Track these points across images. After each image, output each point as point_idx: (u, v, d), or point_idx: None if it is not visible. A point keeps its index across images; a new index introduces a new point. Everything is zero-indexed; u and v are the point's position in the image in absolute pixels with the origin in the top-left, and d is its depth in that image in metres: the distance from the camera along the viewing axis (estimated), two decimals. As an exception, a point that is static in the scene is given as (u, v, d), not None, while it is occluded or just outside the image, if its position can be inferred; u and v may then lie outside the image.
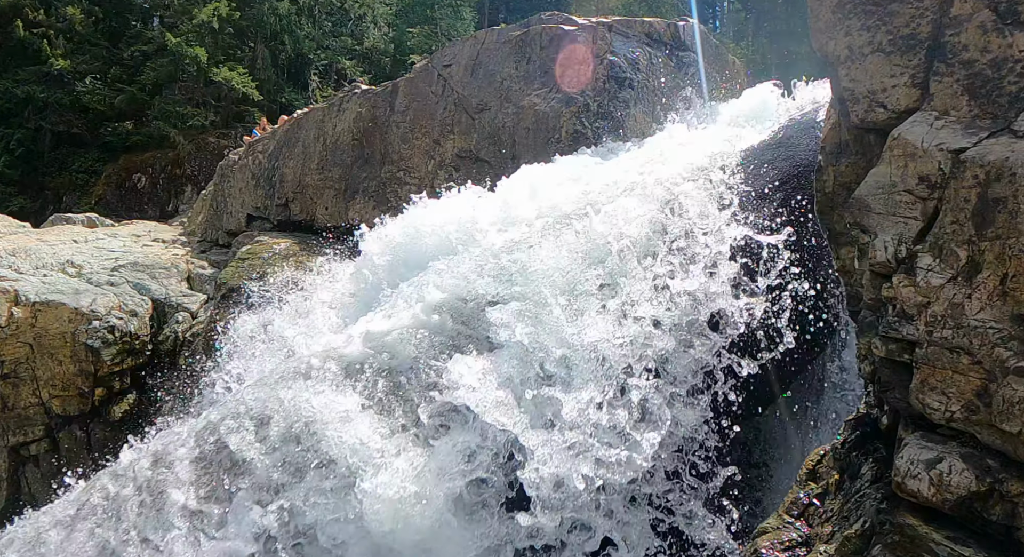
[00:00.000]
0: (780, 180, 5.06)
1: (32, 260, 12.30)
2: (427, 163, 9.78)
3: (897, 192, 3.00)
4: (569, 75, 8.21)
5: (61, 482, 9.14)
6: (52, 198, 26.06)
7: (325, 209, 11.62)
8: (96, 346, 10.62)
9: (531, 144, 8.06)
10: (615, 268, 4.76)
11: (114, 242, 14.10)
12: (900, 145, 3.04)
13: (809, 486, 3.70)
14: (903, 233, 2.97)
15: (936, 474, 2.74)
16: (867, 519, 2.97)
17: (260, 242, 11.43)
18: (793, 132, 5.56)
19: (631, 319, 4.46)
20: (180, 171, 25.06)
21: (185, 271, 12.66)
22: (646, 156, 6.52)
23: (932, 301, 2.80)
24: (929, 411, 2.81)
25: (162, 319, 11.49)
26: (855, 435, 3.64)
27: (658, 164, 5.98)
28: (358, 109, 11.19)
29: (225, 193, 14.47)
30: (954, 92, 3.02)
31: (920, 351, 2.83)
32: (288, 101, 26.31)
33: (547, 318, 4.55)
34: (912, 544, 2.74)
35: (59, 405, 10.65)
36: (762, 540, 3.45)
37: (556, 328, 4.49)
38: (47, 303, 10.74)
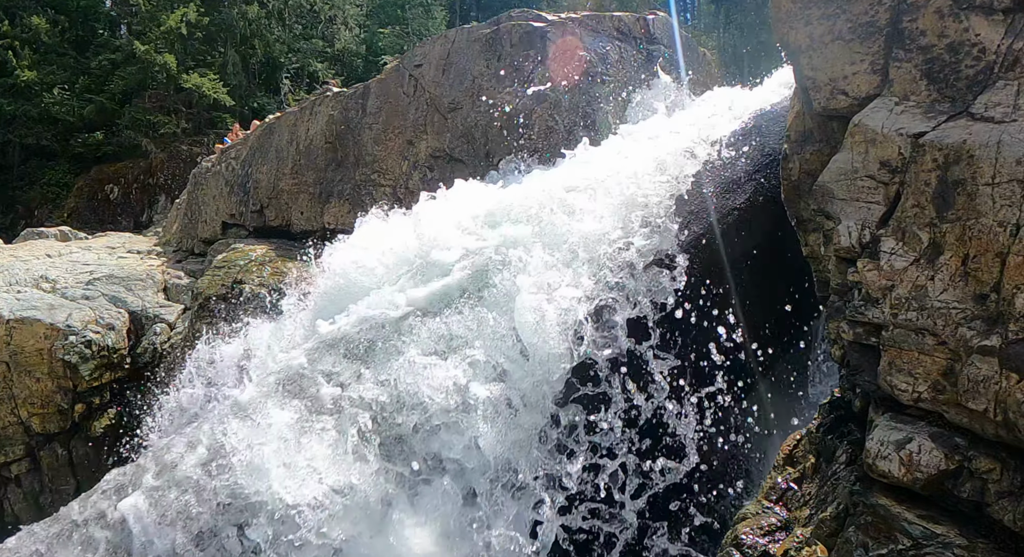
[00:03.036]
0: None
1: (5, 276, 12.10)
2: (401, 164, 9.74)
3: (859, 178, 3.04)
4: (540, 72, 8.22)
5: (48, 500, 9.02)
6: (23, 212, 25.64)
7: (300, 214, 11.54)
8: (74, 361, 10.48)
9: (504, 142, 8.05)
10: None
11: (88, 255, 13.91)
12: (861, 131, 3.08)
13: (787, 471, 3.74)
14: (866, 218, 3.01)
15: (906, 454, 2.78)
16: (841, 501, 3.01)
17: (236, 249, 11.32)
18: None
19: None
20: (153, 180, 24.76)
21: (161, 282, 12.52)
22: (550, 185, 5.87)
23: (896, 284, 2.84)
24: (897, 392, 2.86)
25: (140, 331, 11.36)
26: (830, 418, 3.69)
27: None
28: (330, 112, 11.12)
29: (199, 201, 14.32)
30: (913, 77, 3.07)
31: (886, 333, 2.87)
32: (260, 106, 26.09)
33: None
34: (885, 524, 2.78)
35: (39, 423, 10.49)
36: (742, 526, 3.49)
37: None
38: (22, 320, 10.57)
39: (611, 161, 5.75)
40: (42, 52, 26.21)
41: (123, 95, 25.40)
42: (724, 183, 4.79)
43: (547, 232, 5.07)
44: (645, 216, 4.73)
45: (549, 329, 4.32)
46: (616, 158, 5.79)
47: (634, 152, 5.76)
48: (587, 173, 5.63)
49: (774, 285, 4.69)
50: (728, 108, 6.07)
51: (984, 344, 2.59)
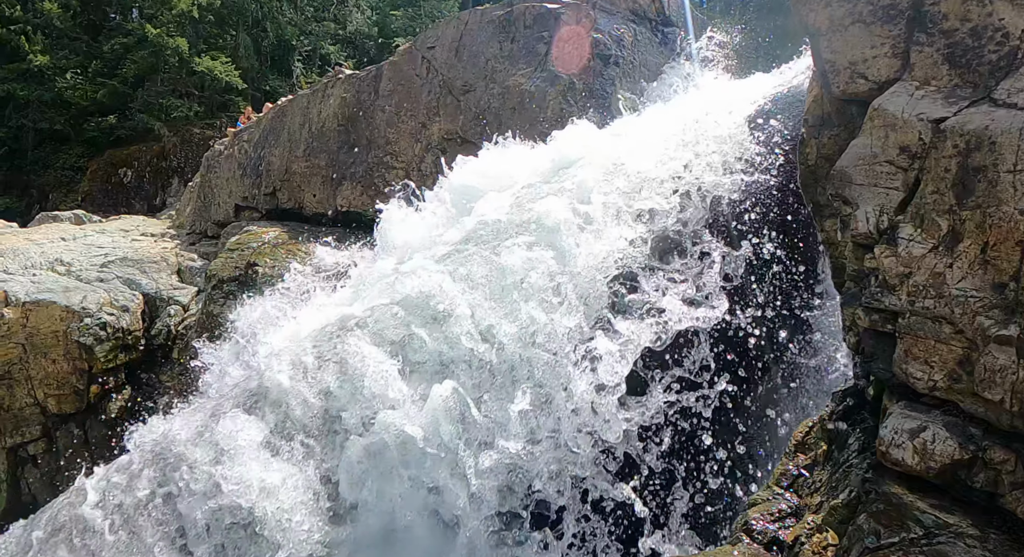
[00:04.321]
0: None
1: (21, 260, 12.22)
2: (414, 146, 9.72)
3: (878, 163, 3.00)
4: (554, 54, 8.15)
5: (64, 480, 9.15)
6: (38, 197, 25.83)
7: (313, 196, 11.56)
8: (89, 343, 10.59)
9: (518, 124, 8.01)
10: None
11: (102, 238, 14.01)
12: (881, 116, 3.03)
13: (798, 457, 3.73)
14: (884, 204, 2.97)
15: (920, 443, 2.77)
16: (853, 489, 3.00)
17: (249, 232, 11.37)
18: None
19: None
20: (166, 164, 24.85)
21: (175, 264, 12.60)
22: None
23: (914, 271, 2.81)
24: (912, 380, 2.83)
25: (154, 313, 11.46)
26: (843, 406, 3.67)
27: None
28: (343, 94, 11.09)
29: (212, 184, 14.37)
30: (934, 61, 3.01)
31: (903, 321, 2.84)
32: (272, 89, 26.07)
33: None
34: (897, 512, 2.77)
35: (55, 404, 10.64)
36: (753, 511, 3.49)
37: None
38: (38, 302, 10.69)
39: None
40: (54, 37, 26.27)
41: (135, 79, 25.45)
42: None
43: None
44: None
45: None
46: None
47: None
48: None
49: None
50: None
51: (1002, 333, 2.56)
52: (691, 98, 7.22)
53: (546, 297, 4.81)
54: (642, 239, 5.07)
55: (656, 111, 7.13)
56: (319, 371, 4.88)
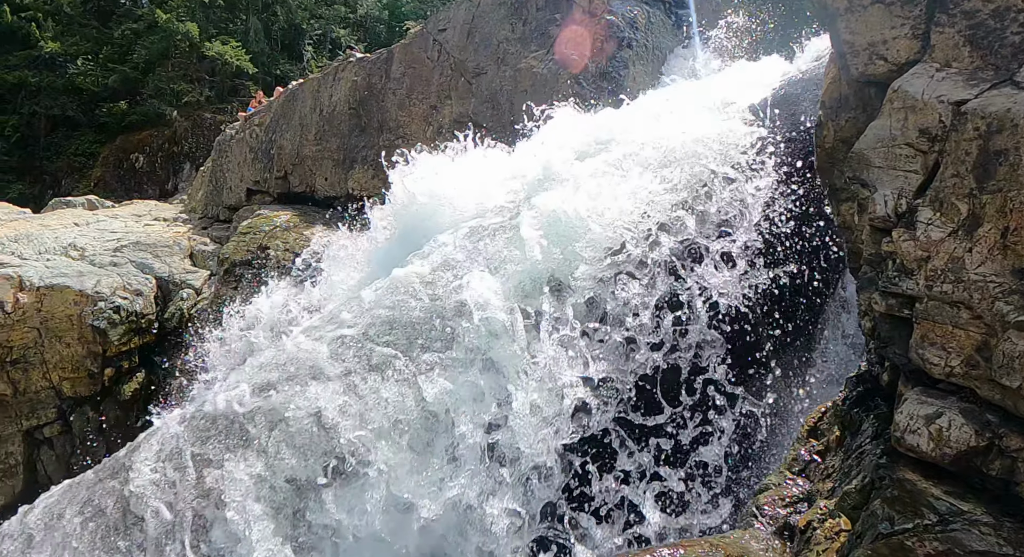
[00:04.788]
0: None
1: (34, 245, 12.32)
2: (425, 130, 9.71)
3: (897, 145, 2.96)
4: (566, 36, 8.08)
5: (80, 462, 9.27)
6: (51, 182, 26.01)
7: (324, 180, 11.58)
8: (103, 327, 10.69)
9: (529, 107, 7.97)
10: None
11: (115, 223, 14.10)
12: (900, 97, 2.98)
13: (810, 443, 3.72)
14: (903, 187, 2.93)
15: (935, 429, 2.74)
16: (867, 474, 2.99)
17: (261, 215, 11.43)
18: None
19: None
20: (178, 149, 24.94)
21: (187, 248, 12.68)
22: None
23: (932, 255, 2.77)
24: (929, 366, 2.80)
25: (167, 297, 11.55)
26: (856, 392, 3.65)
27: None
28: (353, 78, 11.07)
29: (224, 168, 14.42)
30: (955, 43, 2.96)
31: (920, 306, 2.81)
32: (283, 73, 26.05)
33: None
34: (911, 499, 2.75)
35: (70, 387, 10.76)
36: (763, 496, 3.48)
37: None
38: (52, 287, 10.79)
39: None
40: (65, 23, 26.35)
41: (146, 64, 25.50)
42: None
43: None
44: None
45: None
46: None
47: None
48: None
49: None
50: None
51: (1021, 320, 2.52)
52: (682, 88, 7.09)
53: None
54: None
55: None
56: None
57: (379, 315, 5.14)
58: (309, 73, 21.41)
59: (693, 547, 3.05)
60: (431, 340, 4.87)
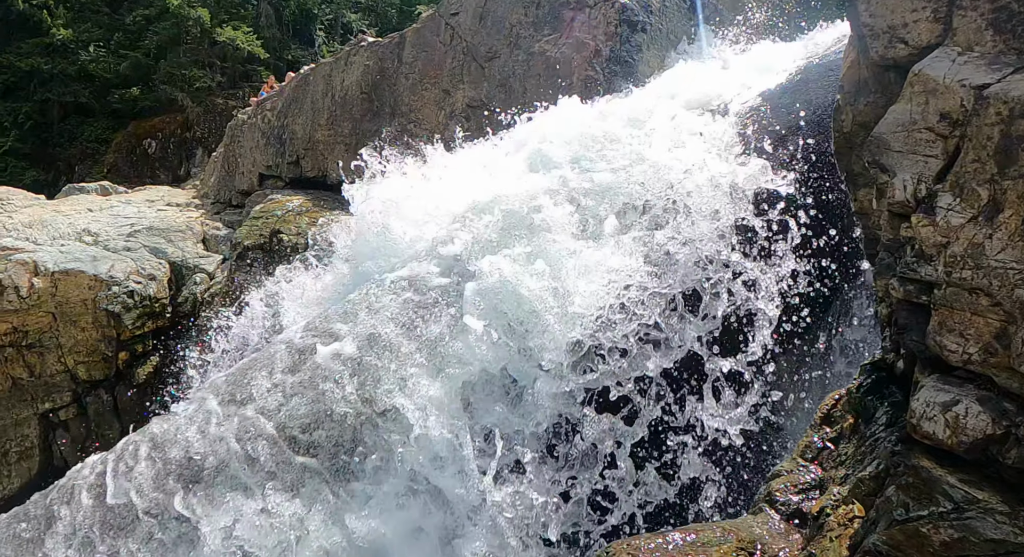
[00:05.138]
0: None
1: (49, 231, 12.42)
2: (437, 114, 9.69)
3: (917, 129, 2.92)
4: (580, 20, 8.01)
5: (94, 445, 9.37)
6: (64, 169, 26.16)
7: (337, 164, 11.59)
8: (117, 311, 10.78)
9: (543, 92, 7.91)
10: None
11: (128, 208, 14.18)
12: (921, 81, 2.94)
13: (823, 430, 3.71)
14: (923, 172, 2.89)
15: (952, 416, 2.72)
16: (881, 461, 2.98)
17: (273, 200, 11.47)
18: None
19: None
20: (190, 134, 25.01)
21: (200, 233, 12.75)
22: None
23: (952, 241, 2.74)
24: (946, 353, 2.78)
25: (180, 281, 11.63)
26: (871, 379, 3.62)
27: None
28: (366, 62, 11.05)
29: (236, 154, 14.46)
30: (978, 27, 2.91)
31: (938, 292, 2.79)
32: (294, 58, 26.01)
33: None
34: (926, 486, 2.74)
35: (84, 371, 10.87)
36: (776, 483, 3.48)
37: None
38: (66, 272, 10.88)
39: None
40: (76, 10, 26.40)
41: (158, 50, 25.54)
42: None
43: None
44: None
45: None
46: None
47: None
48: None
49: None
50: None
51: (1042, 306, 2.49)
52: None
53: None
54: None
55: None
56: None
57: (298, 408, 4.61)
58: (321, 58, 21.38)
59: (705, 531, 3.06)
60: (360, 457, 4.34)
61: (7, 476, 10.54)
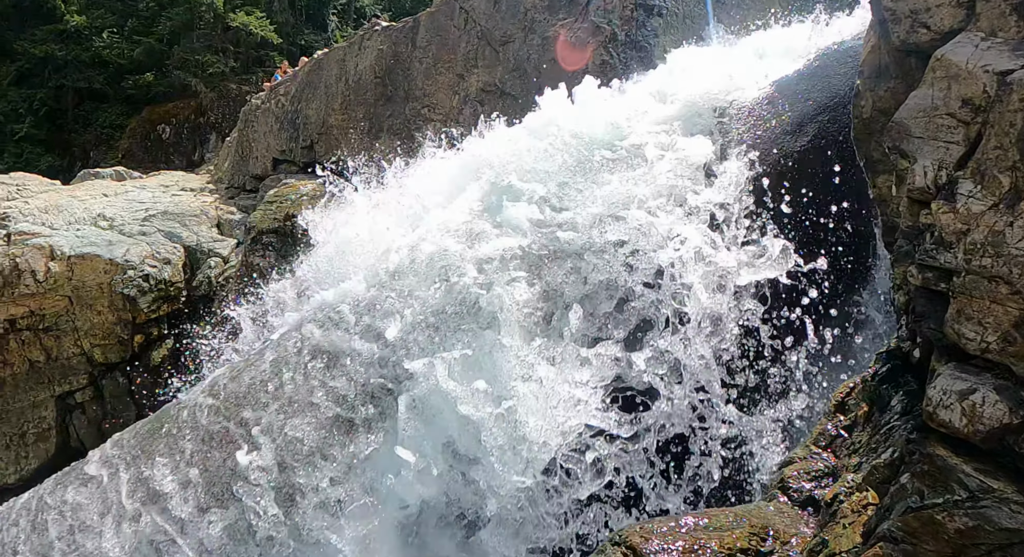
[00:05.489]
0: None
1: (64, 216, 12.54)
2: (451, 98, 9.66)
3: (939, 115, 2.88)
4: (595, 3, 7.94)
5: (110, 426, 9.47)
6: (79, 155, 26.35)
7: (350, 149, 11.60)
8: (132, 294, 10.89)
9: (558, 76, 7.86)
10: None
11: (143, 193, 14.28)
12: (943, 66, 2.90)
13: (837, 418, 3.70)
14: (944, 158, 2.86)
15: (968, 405, 2.71)
16: (896, 449, 2.97)
17: (287, 184, 11.51)
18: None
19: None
20: (204, 119, 25.09)
21: (215, 217, 12.83)
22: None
23: (972, 228, 2.71)
24: (964, 341, 2.76)
25: (195, 265, 11.72)
26: (886, 368, 3.61)
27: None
28: (379, 47, 11.03)
29: (249, 138, 14.50)
30: (1002, 12, 2.87)
31: (957, 280, 2.76)
32: (308, 43, 26.00)
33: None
34: (941, 474, 2.73)
35: (100, 354, 11.00)
36: (789, 470, 3.48)
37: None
38: (82, 256, 10.98)
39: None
40: (89, -4, 26.45)
41: (171, 36, 25.60)
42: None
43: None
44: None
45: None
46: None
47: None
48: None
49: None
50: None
51: (1063, 294, 2.47)
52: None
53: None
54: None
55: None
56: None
57: (214, 525, 4.19)
58: (334, 43, 21.34)
59: (718, 516, 3.06)
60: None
61: (25, 457, 10.71)
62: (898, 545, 2.54)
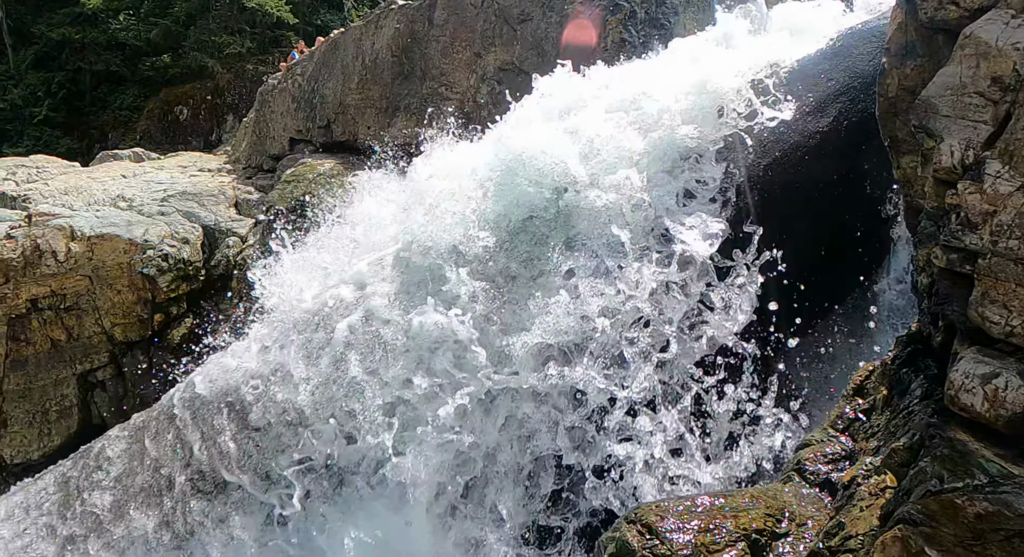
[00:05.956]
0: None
1: (84, 197, 12.65)
2: (469, 77, 9.57)
3: (967, 94, 2.82)
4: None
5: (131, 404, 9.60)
6: (98, 137, 26.52)
7: (367, 128, 11.57)
8: (152, 274, 10.99)
9: (576, 55, 7.75)
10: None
11: (161, 174, 14.37)
12: (973, 43, 2.83)
13: (855, 401, 3.67)
14: (971, 138, 2.80)
15: (991, 389, 2.67)
16: (916, 433, 2.94)
17: (304, 164, 11.55)
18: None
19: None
20: (220, 100, 25.13)
21: (232, 197, 12.88)
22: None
23: (999, 209, 2.66)
24: (988, 325, 2.72)
25: (213, 244, 11.80)
26: (906, 352, 3.57)
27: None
28: (396, 25, 10.95)
29: (266, 119, 14.50)
30: (1034, -14, 2.79)
31: (983, 262, 2.72)
32: (323, 23, 25.86)
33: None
34: (962, 459, 2.71)
35: (121, 332, 11.14)
36: (806, 452, 3.47)
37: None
38: (102, 236, 11.08)
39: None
40: (106, -21, 26.46)
41: (187, 17, 25.59)
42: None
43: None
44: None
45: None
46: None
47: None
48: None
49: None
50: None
51: (1092, 277, 2.42)
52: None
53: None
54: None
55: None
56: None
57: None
58: (350, 22, 21.24)
59: (734, 497, 3.06)
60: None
61: (47, 434, 10.90)
62: (917, 527, 2.53)
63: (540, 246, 4.85)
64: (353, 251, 6.18)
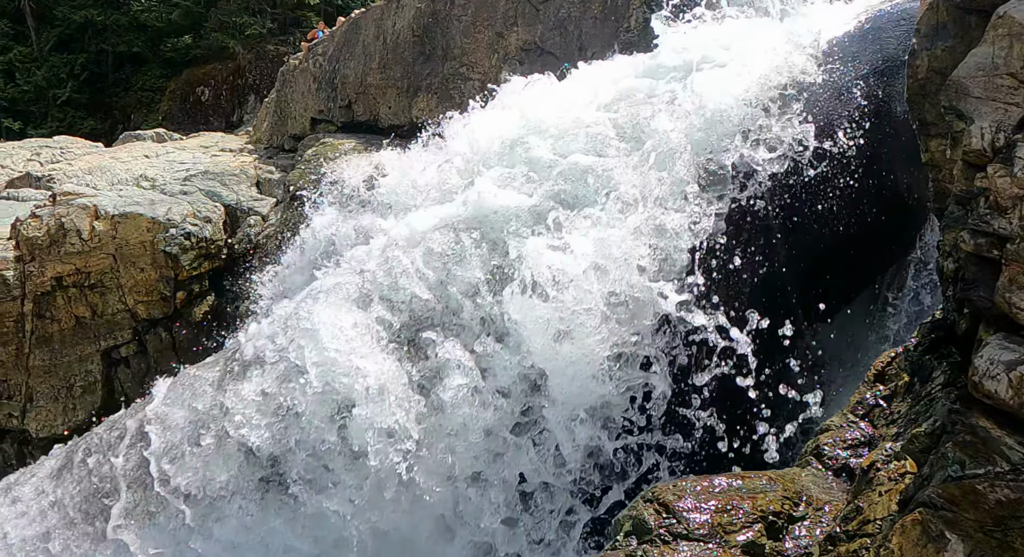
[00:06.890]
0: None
1: (107, 177, 12.82)
2: (490, 57, 9.52)
3: (999, 75, 2.76)
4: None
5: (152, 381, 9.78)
6: (120, 117, 26.80)
7: (388, 108, 11.58)
8: (174, 252, 11.13)
9: (599, 35, 7.67)
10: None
11: (183, 154, 14.50)
12: (1006, 23, 2.77)
13: (877, 387, 3.65)
14: (1002, 120, 2.75)
15: (1016, 376, 2.64)
16: (938, 419, 2.92)
17: (326, 144, 11.59)
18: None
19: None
20: (242, 81, 25.23)
21: (254, 177, 12.98)
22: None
23: (1029, 194, 2.62)
24: (1015, 311, 2.68)
25: (235, 223, 11.92)
26: (929, 338, 3.54)
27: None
28: (417, 5, 10.91)
29: (288, 99, 14.56)
30: (1072, -36, 2.72)
31: (1011, 247, 2.67)
32: (344, 3, 25.81)
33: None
34: (984, 445, 2.68)
35: (144, 310, 11.31)
36: (824, 437, 3.46)
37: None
38: (125, 215, 11.22)
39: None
40: (126, -39, 26.59)
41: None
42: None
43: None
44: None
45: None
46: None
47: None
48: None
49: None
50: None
51: (1123, 263, 2.38)
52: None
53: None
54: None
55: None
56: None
57: None
58: (371, 2, 21.19)
59: (752, 479, 3.07)
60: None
61: (72, 409, 11.14)
62: (938, 511, 2.52)
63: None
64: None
